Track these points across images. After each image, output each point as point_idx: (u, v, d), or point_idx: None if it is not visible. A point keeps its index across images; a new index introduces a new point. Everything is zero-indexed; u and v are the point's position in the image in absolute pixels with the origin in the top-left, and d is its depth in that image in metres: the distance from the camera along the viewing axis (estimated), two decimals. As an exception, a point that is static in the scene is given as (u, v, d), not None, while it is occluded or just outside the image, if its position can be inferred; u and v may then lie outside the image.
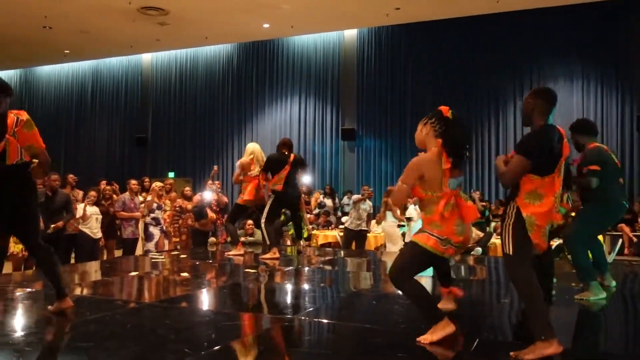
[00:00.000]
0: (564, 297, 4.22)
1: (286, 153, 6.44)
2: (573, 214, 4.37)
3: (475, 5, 11.66)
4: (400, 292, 3.15)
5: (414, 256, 3.04)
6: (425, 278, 4.61)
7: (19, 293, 4.23)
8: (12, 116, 3.21)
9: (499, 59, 12.40)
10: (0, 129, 3.15)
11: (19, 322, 3.53)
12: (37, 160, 3.42)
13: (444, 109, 3.15)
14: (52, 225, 6.74)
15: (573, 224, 4.21)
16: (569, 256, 4.55)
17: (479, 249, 8.84)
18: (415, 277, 3.05)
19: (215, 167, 9.95)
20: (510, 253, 2.86)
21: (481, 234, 9.18)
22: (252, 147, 6.83)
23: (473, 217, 3.11)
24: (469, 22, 12.42)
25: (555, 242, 7.70)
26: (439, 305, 3.40)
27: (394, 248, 8.31)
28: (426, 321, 2.98)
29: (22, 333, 3.28)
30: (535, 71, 12.24)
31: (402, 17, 12.54)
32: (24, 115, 3.26)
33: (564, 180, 3.01)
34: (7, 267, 6.85)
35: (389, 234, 8.79)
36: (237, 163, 6.82)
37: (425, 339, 2.92)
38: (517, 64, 12.32)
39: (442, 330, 2.92)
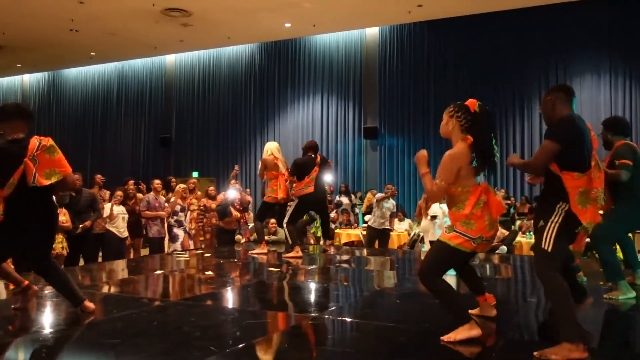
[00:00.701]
0: (592, 296, 4.14)
1: (312, 155, 6.51)
2: (601, 211, 4.29)
3: (499, 0, 11.51)
4: (426, 291, 3.13)
5: (442, 255, 3.03)
6: (450, 277, 4.57)
7: (47, 291, 4.31)
8: (34, 141, 3.32)
9: (524, 55, 12.22)
10: (21, 153, 3.27)
11: (48, 319, 3.61)
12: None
13: (472, 102, 3.10)
14: (81, 225, 6.85)
15: (602, 222, 4.12)
16: (597, 255, 4.47)
17: (504, 248, 8.73)
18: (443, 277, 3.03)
19: (236, 167, 10.01)
20: (549, 250, 2.81)
21: (506, 232, 9.06)
22: (267, 145, 6.87)
23: (500, 212, 3.09)
24: (493, 18, 12.26)
25: (583, 241, 7.55)
26: (478, 313, 3.38)
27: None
28: (454, 320, 2.96)
29: (51, 330, 3.35)
30: (561, 66, 12.03)
31: (424, 14, 12.45)
32: (48, 141, 3.36)
33: None
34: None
35: (427, 232, 8.73)
36: (261, 160, 6.85)
37: (450, 337, 2.90)
38: (542, 60, 12.13)
39: (467, 332, 2.89)
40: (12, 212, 3.29)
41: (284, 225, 6.43)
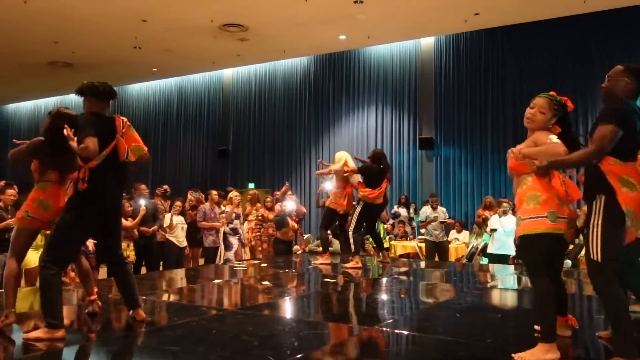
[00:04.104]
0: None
1: (382, 167, 6.59)
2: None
3: (560, 6, 11.16)
4: (486, 305, 3.04)
5: (528, 250, 2.88)
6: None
7: (112, 297, 4.47)
8: (119, 119, 3.48)
9: (587, 62, 11.76)
10: (112, 130, 3.40)
11: (113, 325, 3.73)
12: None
13: (567, 99, 3.01)
14: (151, 229, 7.14)
15: None
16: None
17: (568, 262, 8.38)
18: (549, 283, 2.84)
19: (287, 184, 10.20)
20: (600, 260, 2.61)
21: (570, 246, 8.70)
22: (340, 155, 6.88)
23: (578, 195, 2.90)
24: (551, 25, 11.88)
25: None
26: None
27: None
28: (540, 334, 2.78)
29: (115, 335, 3.48)
30: (627, 73, 11.49)
31: (481, 23, 12.23)
32: (126, 119, 3.54)
33: None
34: (102, 274, 7.28)
35: None
36: (332, 169, 6.84)
37: (521, 357, 2.71)
38: (604, 66, 11.53)
39: (543, 354, 2.69)
40: (95, 186, 3.29)
41: (350, 233, 6.42)
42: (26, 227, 3.48)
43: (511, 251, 7.74)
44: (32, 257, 6.16)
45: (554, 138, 2.83)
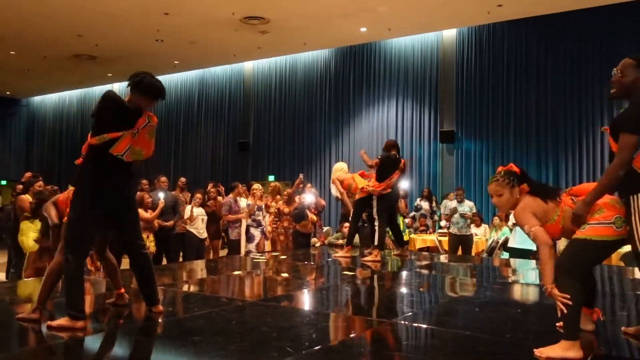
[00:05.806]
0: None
1: (396, 156, 6.54)
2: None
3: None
4: (505, 300, 3.01)
5: (584, 252, 2.79)
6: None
7: (135, 287, 4.53)
8: (143, 118, 3.43)
9: (613, 55, 11.50)
10: (130, 122, 3.36)
11: (134, 315, 3.80)
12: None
13: (512, 165, 3.16)
14: (166, 223, 7.22)
15: None
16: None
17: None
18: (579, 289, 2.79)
19: (301, 176, 10.24)
20: None
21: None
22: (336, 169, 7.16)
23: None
24: (578, 16, 11.63)
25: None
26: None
27: None
28: (563, 333, 2.78)
29: (136, 325, 3.54)
30: (655, 66, 11.21)
31: (504, 14, 12.05)
32: (155, 122, 3.48)
33: None
34: (125, 264, 7.40)
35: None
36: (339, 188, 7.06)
37: (541, 352, 2.70)
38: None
39: (564, 351, 2.67)
40: (96, 168, 3.29)
41: (377, 226, 6.38)
42: None
43: (533, 246, 7.65)
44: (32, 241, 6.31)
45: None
